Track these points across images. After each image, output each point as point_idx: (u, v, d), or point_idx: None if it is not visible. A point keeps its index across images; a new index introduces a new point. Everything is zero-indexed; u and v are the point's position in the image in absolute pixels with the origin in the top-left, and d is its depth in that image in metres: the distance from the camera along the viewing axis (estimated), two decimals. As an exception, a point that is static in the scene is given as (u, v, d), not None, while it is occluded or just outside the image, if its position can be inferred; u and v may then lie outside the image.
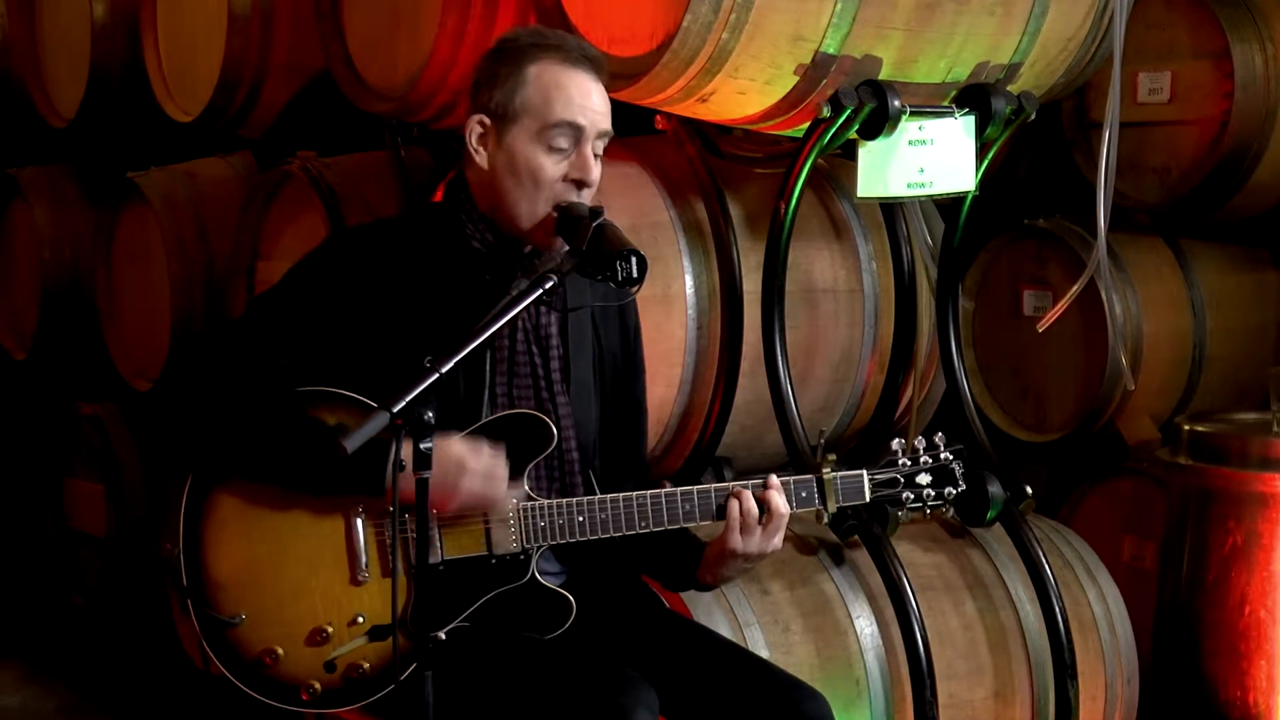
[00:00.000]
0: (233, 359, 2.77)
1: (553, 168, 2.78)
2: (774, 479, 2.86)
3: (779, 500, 2.84)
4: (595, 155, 2.82)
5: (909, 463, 2.97)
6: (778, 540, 2.85)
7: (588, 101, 2.79)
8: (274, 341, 2.78)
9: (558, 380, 2.91)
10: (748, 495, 2.83)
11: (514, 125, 2.79)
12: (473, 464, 2.70)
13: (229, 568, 2.77)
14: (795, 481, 2.90)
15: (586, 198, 2.81)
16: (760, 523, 2.83)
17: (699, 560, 2.93)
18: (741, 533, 2.82)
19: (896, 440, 2.99)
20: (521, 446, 2.79)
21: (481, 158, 2.83)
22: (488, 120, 2.82)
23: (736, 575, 2.93)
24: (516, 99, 2.78)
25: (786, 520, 2.86)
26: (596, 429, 2.99)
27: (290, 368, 2.78)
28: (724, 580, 2.94)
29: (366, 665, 2.75)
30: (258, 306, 2.92)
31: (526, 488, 2.79)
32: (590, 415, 2.96)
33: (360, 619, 2.76)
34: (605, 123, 2.83)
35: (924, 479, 2.97)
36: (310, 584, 2.75)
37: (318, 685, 2.75)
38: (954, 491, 2.98)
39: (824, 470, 2.92)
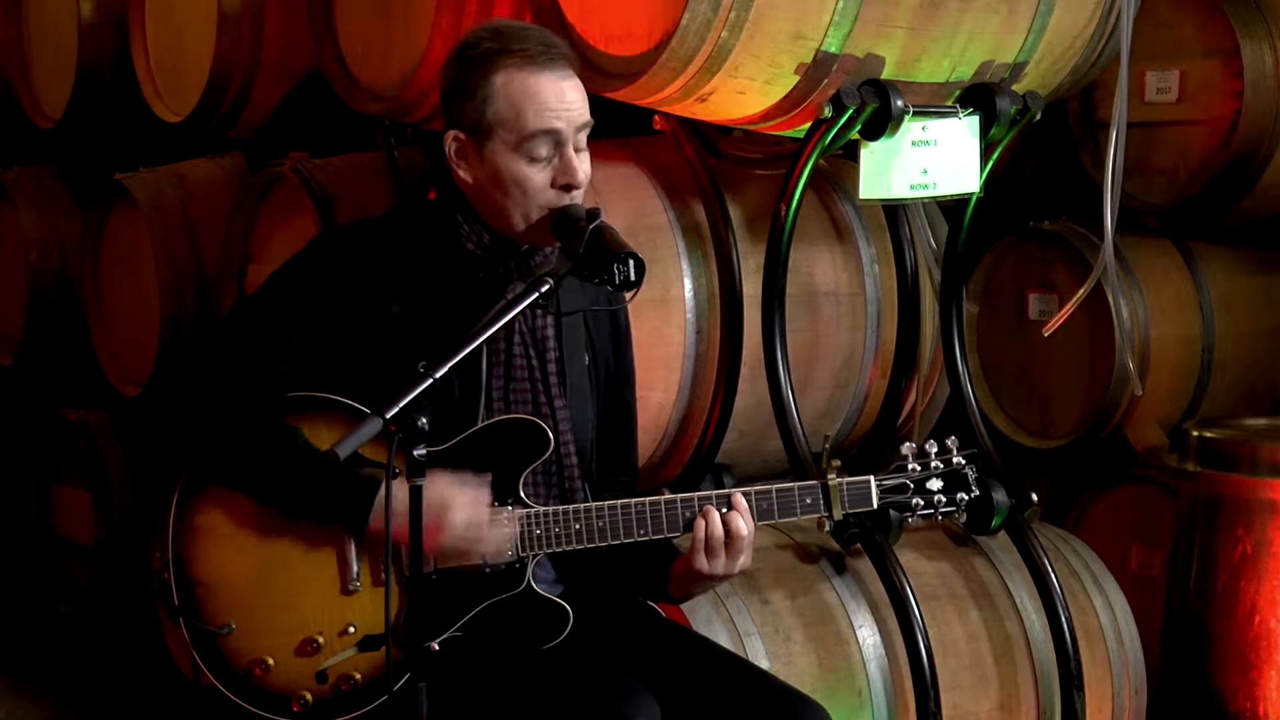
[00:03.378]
0: (224, 365, 2.75)
1: (538, 176, 2.76)
2: (739, 498, 2.82)
3: (740, 524, 2.79)
4: (579, 149, 2.80)
5: (919, 468, 2.94)
6: (744, 560, 2.82)
7: (561, 102, 2.77)
8: (265, 344, 2.76)
9: (555, 384, 2.89)
10: (714, 517, 2.79)
11: (491, 139, 2.77)
12: (457, 512, 2.68)
13: (218, 576, 2.76)
14: (800, 488, 2.87)
15: (578, 197, 2.79)
16: (724, 545, 2.79)
17: (669, 577, 2.90)
18: (706, 554, 2.79)
19: (906, 445, 2.95)
20: (518, 452, 2.77)
21: (464, 171, 2.82)
22: (463, 136, 2.80)
23: (704, 592, 2.94)
24: (489, 113, 2.76)
25: (751, 541, 2.81)
26: (593, 432, 2.97)
27: (283, 372, 2.76)
28: (693, 596, 2.93)
29: (358, 676, 2.73)
30: (246, 308, 2.90)
31: (522, 494, 2.76)
32: (587, 418, 2.95)
33: (352, 629, 2.74)
34: (583, 115, 2.81)
35: (935, 484, 2.93)
36: (301, 593, 2.74)
37: (309, 696, 2.73)
38: (966, 497, 2.94)
39: (829, 476, 2.88)
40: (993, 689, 3.70)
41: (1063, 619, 3.65)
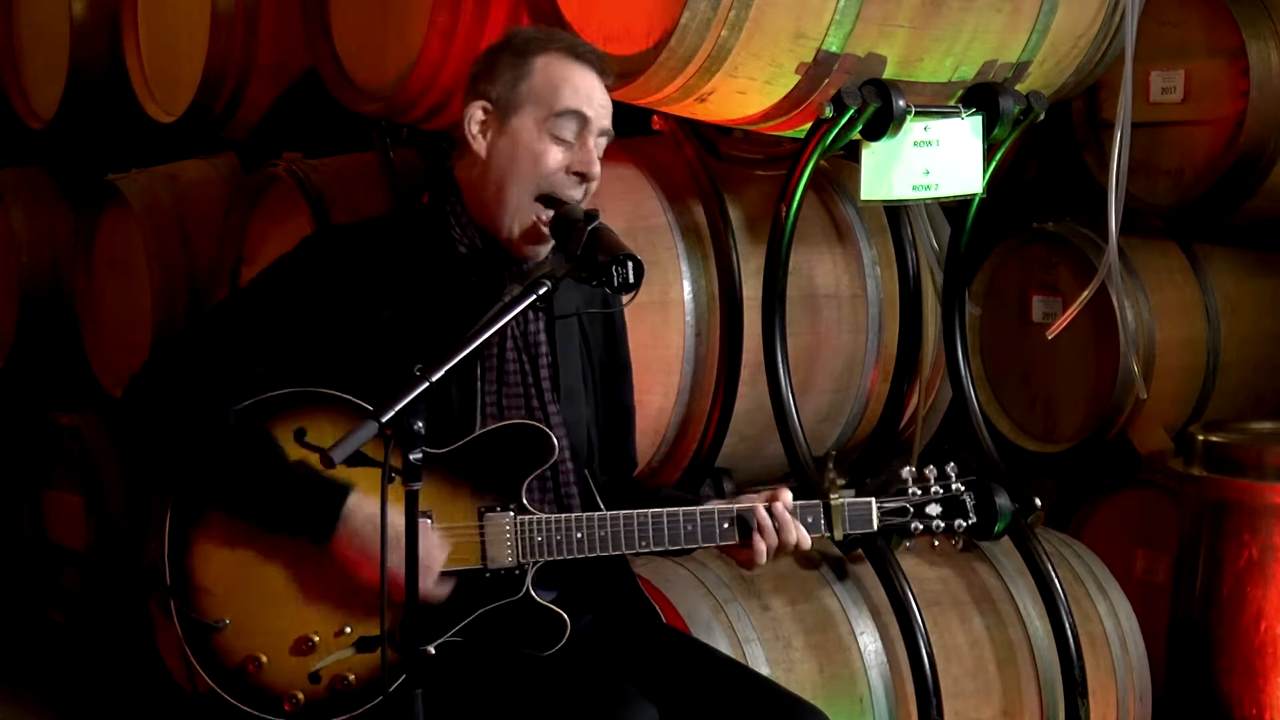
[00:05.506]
0: (204, 366, 2.73)
1: (555, 155, 2.77)
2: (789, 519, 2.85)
3: (805, 536, 2.85)
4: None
5: (919, 492, 2.97)
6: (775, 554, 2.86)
7: (594, 94, 2.80)
8: (247, 346, 2.74)
9: (548, 389, 2.88)
10: (790, 523, 2.83)
11: (518, 112, 2.78)
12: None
13: (214, 571, 2.73)
14: (801, 506, 2.88)
15: (588, 192, 2.80)
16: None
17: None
18: (769, 553, 2.83)
19: (907, 469, 2.99)
20: (521, 458, 2.75)
21: (479, 145, 2.81)
22: (490, 107, 2.81)
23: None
24: (523, 86, 2.79)
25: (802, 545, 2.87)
26: (589, 433, 2.96)
27: (260, 374, 2.74)
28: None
29: (353, 677, 2.71)
30: (231, 306, 2.88)
31: (524, 500, 2.75)
32: (581, 421, 2.94)
33: (348, 629, 2.72)
34: (607, 120, 2.83)
35: (933, 509, 2.97)
36: (297, 591, 2.72)
37: (301, 696, 2.71)
38: (964, 524, 2.98)
39: (831, 496, 2.91)
40: (995, 696, 3.69)
41: (1066, 625, 3.63)
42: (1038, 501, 3.71)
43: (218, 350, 2.73)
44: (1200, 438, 4.02)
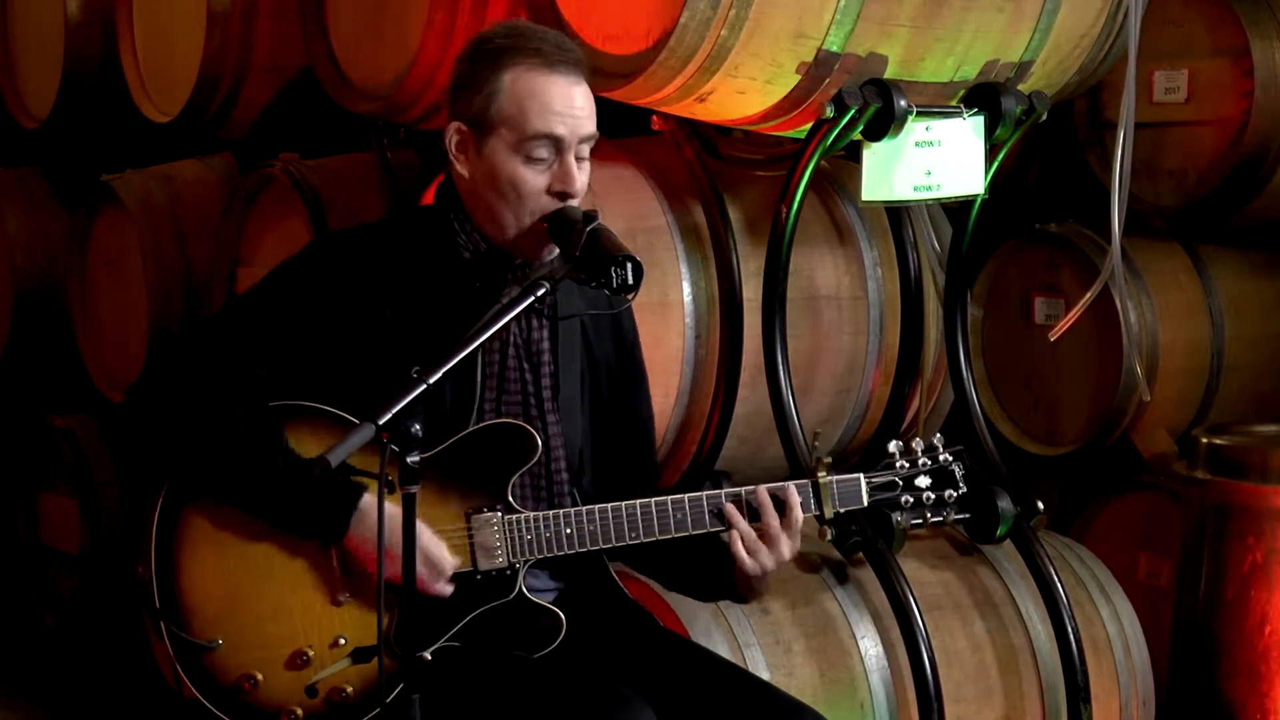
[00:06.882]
0: (203, 367, 2.71)
1: (534, 179, 2.71)
2: (763, 494, 2.82)
3: (772, 523, 2.80)
4: (581, 159, 2.76)
5: (906, 465, 2.94)
6: (787, 550, 2.80)
7: (568, 108, 2.72)
8: (250, 349, 2.72)
9: (548, 397, 2.85)
10: (738, 518, 2.78)
11: (491, 135, 2.73)
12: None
13: (204, 589, 2.71)
14: (792, 486, 2.85)
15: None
16: (763, 538, 2.79)
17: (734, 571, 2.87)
18: (750, 555, 2.77)
19: (894, 443, 2.95)
20: (505, 458, 2.73)
21: (462, 166, 2.78)
22: (465, 128, 2.76)
23: (766, 588, 2.88)
24: (493, 108, 2.72)
25: (781, 533, 2.80)
26: (584, 443, 2.93)
27: (262, 377, 2.72)
28: (758, 594, 2.88)
29: (350, 689, 2.69)
30: (234, 310, 2.86)
31: (511, 499, 2.73)
32: (577, 429, 2.91)
33: (342, 641, 2.69)
34: (589, 126, 2.75)
35: (923, 481, 2.93)
36: (289, 605, 2.69)
37: (299, 711, 2.69)
38: (954, 494, 2.94)
39: (819, 475, 2.87)
40: (997, 701, 3.68)
41: (1069, 629, 3.63)
42: (1040, 505, 3.71)
43: (221, 353, 2.71)
44: (1204, 440, 3.99)
